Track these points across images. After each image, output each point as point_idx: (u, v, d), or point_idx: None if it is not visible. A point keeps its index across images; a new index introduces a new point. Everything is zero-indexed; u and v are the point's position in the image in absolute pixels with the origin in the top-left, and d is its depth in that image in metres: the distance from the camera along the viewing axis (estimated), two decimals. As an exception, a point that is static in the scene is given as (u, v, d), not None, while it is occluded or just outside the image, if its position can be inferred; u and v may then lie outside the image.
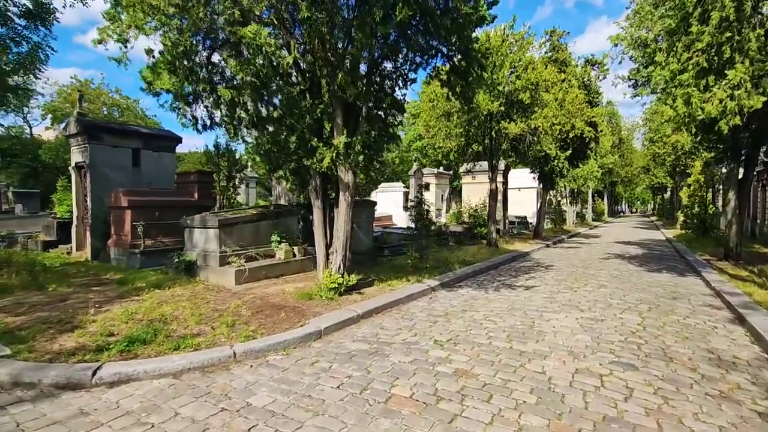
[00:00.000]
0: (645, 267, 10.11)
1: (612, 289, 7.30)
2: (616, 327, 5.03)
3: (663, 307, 6.06)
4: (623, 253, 12.99)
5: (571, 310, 5.83)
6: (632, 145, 42.74)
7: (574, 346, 4.31)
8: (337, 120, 5.87)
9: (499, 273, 9.14)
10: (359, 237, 9.30)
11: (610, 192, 47.53)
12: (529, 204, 23.74)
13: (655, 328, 5.01)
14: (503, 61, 11.67)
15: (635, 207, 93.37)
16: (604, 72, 16.41)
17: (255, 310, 5.34)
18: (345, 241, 6.20)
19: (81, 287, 6.67)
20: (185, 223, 7.60)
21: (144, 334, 4.25)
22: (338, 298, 5.97)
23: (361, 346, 4.34)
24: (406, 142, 43.93)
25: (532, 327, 4.98)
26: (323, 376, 3.55)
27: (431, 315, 5.57)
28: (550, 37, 15.66)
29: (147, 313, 5.01)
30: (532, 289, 7.29)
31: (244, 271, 6.80)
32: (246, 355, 4.01)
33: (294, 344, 4.35)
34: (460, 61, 7.20)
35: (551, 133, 12.54)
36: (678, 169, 24.35)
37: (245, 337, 4.33)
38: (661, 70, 6.64)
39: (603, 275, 8.81)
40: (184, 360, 3.71)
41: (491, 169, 13.42)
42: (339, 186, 6.18)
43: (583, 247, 15.20)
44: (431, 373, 3.61)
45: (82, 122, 9.70)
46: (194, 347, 4.03)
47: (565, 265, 10.38)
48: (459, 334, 4.69)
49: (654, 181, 36.70)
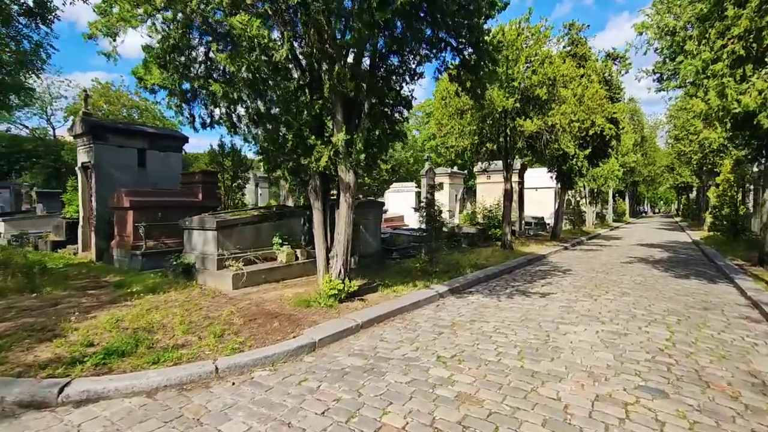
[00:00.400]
0: (671, 272, 9.46)
1: (636, 298, 6.74)
2: (641, 343, 4.53)
3: (694, 320, 5.50)
4: (647, 257, 12.28)
5: (590, 321, 5.34)
6: (655, 144, 41.29)
7: (594, 366, 3.84)
8: (337, 116, 5.51)
9: (513, 278, 8.65)
10: (366, 239, 8.94)
11: (632, 192, 46.05)
12: (546, 204, 22.98)
13: (686, 345, 4.49)
14: (518, 56, 11.14)
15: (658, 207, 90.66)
16: (626, 66, 15.63)
17: (248, 318, 5.03)
18: (346, 244, 5.84)
19: (77, 290, 6.48)
20: (184, 224, 7.37)
21: (125, 344, 3.97)
22: (338, 306, 5.61)
23: (357, 361, 3.97)
24: (420, 141, 43.52)
25: (546, 342, 4.52)
26: (309, 398, 3.19)
27: (437, 325, 5.16)
28: (568, 30, 15.00)
29: (134, 321, 4.75)
30: (548, 296, 6.79)
31: (242, 275, 6.51)
32: (229, 370, 3.68)
33: (284, 358, 4.01)
34: (470, 55, 6.79)
35: (570, 130, 11.93)
36: (705, 168, 23.20)
37: (232, 349, 4.01)
38: (692, 60, 6.07)
39: (625, 281, 8.23)
40: (160, 376, 3.40)
41: (506, 169, 12.88)
42: (339, 186, 5.82)
43: (604, 249, 14.51)
44: (430, 397, 3.21)
45: (87, 122, 9.61)
46: (175, 361, 3.73)
47: (584, 269, 9.80)
48: (465, 349, 4.27)
49: (678, 181, 35.23)
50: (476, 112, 11.79)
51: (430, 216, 9.10)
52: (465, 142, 13.06)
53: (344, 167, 5.60)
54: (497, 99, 10.93)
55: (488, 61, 6.88)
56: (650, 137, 40.47)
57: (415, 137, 45.74)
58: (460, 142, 13.13)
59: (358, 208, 9.04)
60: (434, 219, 9.21)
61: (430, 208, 9.05)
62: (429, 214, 9.04)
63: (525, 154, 14.50)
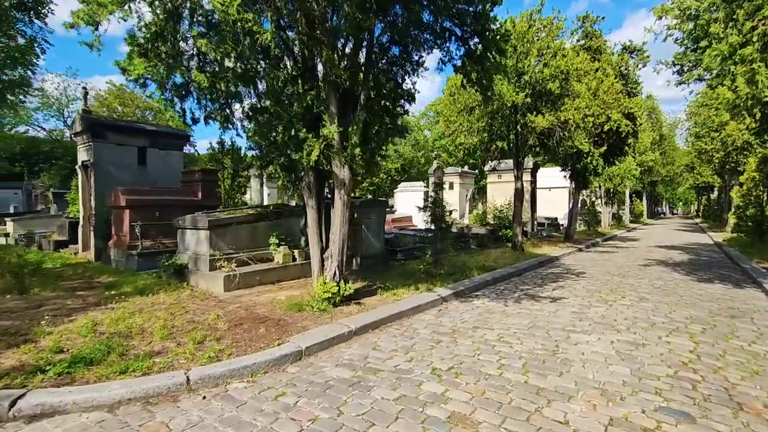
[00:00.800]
0: (693, 276, 8.88)
1: (655, 304, 6.25)
2: (662, 355, 4.08)
3: (720, 329, 5.00)
4: (666, 259, 11.66)
5: (604, 330, 4.89)
6: (674, 142, 40.07)
7: (608, 383, 3.41)
8: (331, 108, 5.17)
9: (522, 281, 8.19)
10: (369, 239, 8.60)
11: (650, 192, 44.80)
12: (560, 204, 22.32)
13: (713, 358, 4.02)
14: (529, 49, 10.67)
15: (677, 208, 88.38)
16: (643, 59, 14.96)
17: (234, 323, 4.72)
18: (341, 245, 5.50)
19: (66, 291, 6.28)
20: (177, 223, 7.12)
21: (95, 351, 3.69)
22: (332, 310, 5.27)
23: (343, 372, 3.62)
24: (431, 140, 43.05)
25: (555, 353, 4.10)
26: (282, 417, 2.85)
27: (436, 332, 4.78)
28: (582, 23, 14.43)
29: (113, 325, 4.48)
30: (559, 301, 6.34)
31: (235, 277, 6.22)
32: (202, 382, 3.36)
33: (265, 368, 3.68)
34: (476, 45, 6.41)
35: (584, 125, 11.39)
36: (728, 167, 22.24)
37: (209, 358, 3.69)
38: (717, 45, 5.56)
39: (643, 285, 7.70)
40: (124, 389, 3.10)
41: (516, 167, 12.39)
42: (334, 183, 5.48)
43: (620, 251, 13.88)
44: (418, 418, 2.83)
45: (86, 120, 9.48)
46: (144, 371, 3.43)
47: (599, 272, 9.28)
48: (464, 361, 3.88)
49: (699, 181, 33.99)
50: (485, 107, 11.33)
51: (435, 216, 8.71)
52: (474, 139, 12.61)
53: (338, 162, 5.26)
54: (507, 94, 10.47)
55: (495, 51, 6.49)
56: (669, 136, 39.28)
57: (427, 137, 45.30)
58: (469, 139, 12.68)
59: (360, 207, 8.72)
60: (440, 219, 8.81)
61: (435, 208, 8.65)
62: (434, 213, 8.64)
63: (537, 152, 13.96)
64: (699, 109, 22.65)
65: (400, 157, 38.58)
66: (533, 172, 18.06)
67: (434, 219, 8.84)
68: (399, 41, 5.98)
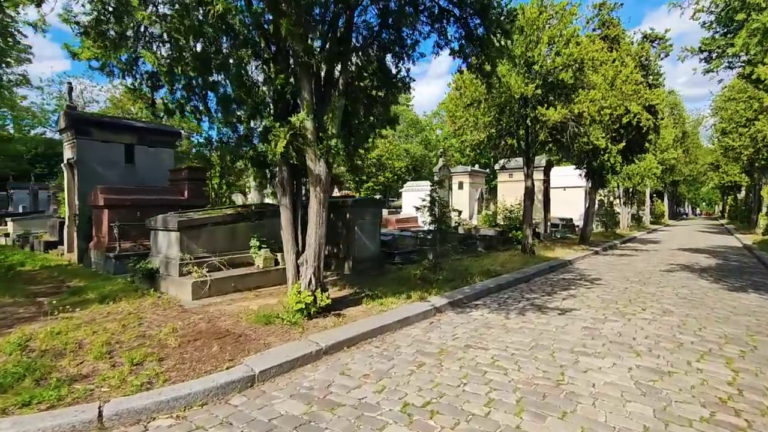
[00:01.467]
0: (723, 284, 7.95)
1: (681, 318, 5.42)
2: (693, 389, 3.31)
3: (763, 351, 4.18)
4: (691, 264, 10.68)
5: (621, 352, 4.12)
6: (698, 140, 38.32)
7: (625, 429, 2.68)
8: (303, 93, 4.53)
9: (529, 288, 7.42)
10: (362, 242, 7.94)
11: (672, 192, 43.04)
12: (575, 205, 21.29)
13: (758, 393, 3.23)
14: (540, 36, 9.88)
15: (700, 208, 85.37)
16: (665, 48, 13.93)
17: (188, 339, 4.12)
18: (317, 249, 4.85)
19: (27, 297, 5.81)
20: (149, 224, 6.60)
21: (8, 375, 3.14)
22: (304, 323, 4.63)
23: (296, 407, 2.97)
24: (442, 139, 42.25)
25: (559, 383, 3.37)
26: (193, 476, 2.21)
27: (420, 352, 4.10)
28: (599, 11, 13.50)
29: (47, 340, 3.93)
30: (569, 314, 5.57)
31: (205, 283, 5.64)
32: (119, 418, 2.76)
33: (203, 399, 3.06)
34: (476, 26, 5.73)
35: (600, 119, 10.50)
36: (757, 164, 20.86)
37: (138, 385, 3.09)
38: (757, 16, 4.74)
39: (667, 295, 6.85)
40: (13, 428, 2.51)
41: (526, 164, 11.56)
42: (309, 179, 4.85)
43: (640, 255, 12.91)
44: (369, 481, 2.17)
45: (70, 116, 9.08)
46: (53, 402, 2.84)
47: (616, 278, 8.43)
48: (445, 393, 3.19)
49: (725, 180, 32.31)
50: (492, 100, 10.56)
51: (434, 216, 8.01)
52: (481, 135, 11.84)
53: (312, 155, 4.62)
54: (515, 85, 9.70)
55: (499, 32, 5.80)
56: (692, 133, 37.56)
57: (438, 136, 44.53)
58: (476, 135, 11.92)
59: (353, 206, 8.06)
60: (438, 219, 8.12)
61: (434, 207, 7.95)
62: (432, 213, 7.94)
63: (549, 149, 13.10)
64: (726, 103, 21.32)
65: (409, 155, 37.82)
66: (546, 170, 17.15)
67: (434, 219, 8.15)
68: (391, 24, 5.32)
